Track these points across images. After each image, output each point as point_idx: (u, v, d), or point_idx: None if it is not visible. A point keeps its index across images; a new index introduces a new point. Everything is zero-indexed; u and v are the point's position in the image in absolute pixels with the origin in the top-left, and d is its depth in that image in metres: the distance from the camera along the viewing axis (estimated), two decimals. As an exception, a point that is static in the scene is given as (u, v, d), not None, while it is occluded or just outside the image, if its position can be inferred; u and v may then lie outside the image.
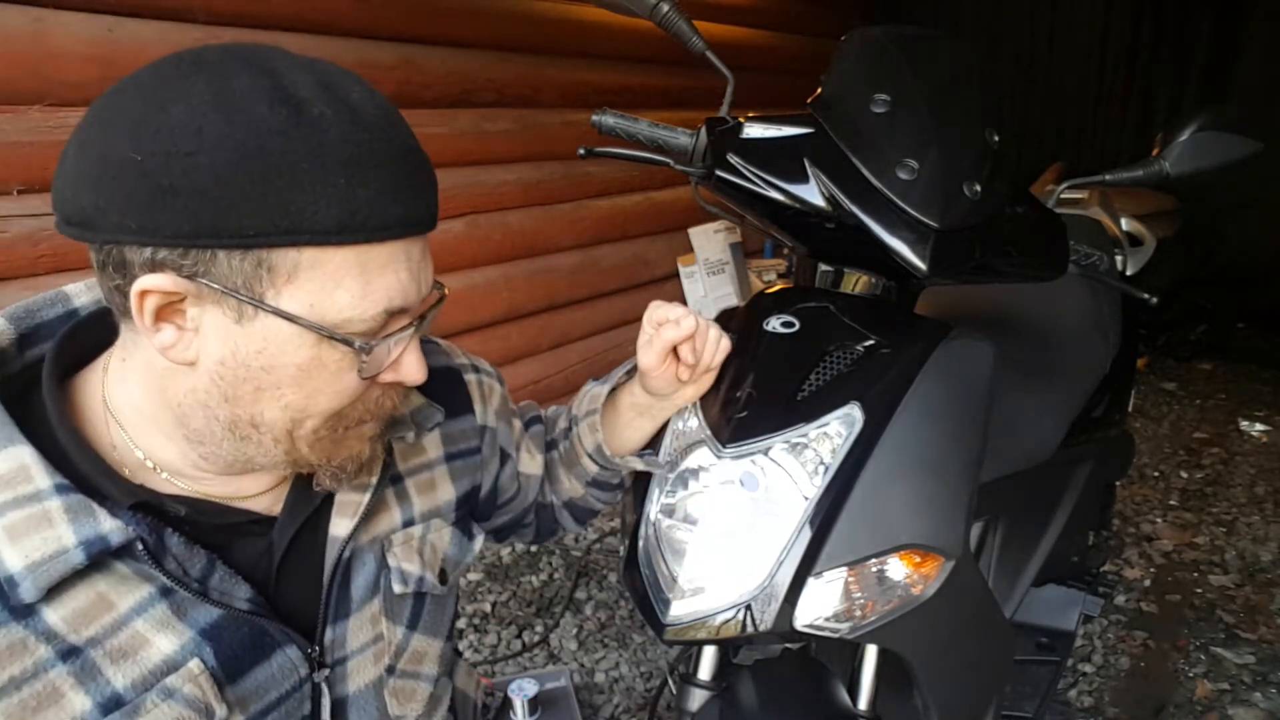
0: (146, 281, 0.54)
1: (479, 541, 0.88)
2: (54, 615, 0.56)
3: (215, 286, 0.54)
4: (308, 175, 0.53)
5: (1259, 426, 3.43)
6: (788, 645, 1.08)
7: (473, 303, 2.76)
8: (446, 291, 0.68)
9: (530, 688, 1.65)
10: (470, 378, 0.89)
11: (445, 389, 0.85)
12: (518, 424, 0.96)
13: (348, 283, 0.57)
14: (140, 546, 0.58)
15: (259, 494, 0.68)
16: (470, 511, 0.89)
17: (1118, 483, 2.33)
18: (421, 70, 2.45)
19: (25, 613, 0.55)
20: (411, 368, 0.65)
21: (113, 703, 0.56)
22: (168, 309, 0.56)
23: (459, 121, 2.61)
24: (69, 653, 0.56)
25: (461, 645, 2.10)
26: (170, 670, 0.59)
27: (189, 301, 0.56)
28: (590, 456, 0.95)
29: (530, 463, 0.96)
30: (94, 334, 0.66)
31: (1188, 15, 4.53)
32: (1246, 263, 4.33)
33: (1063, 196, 1.12)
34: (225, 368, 0.58)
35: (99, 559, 0.57)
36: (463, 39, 2.58)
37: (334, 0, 2.19)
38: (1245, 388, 3.91)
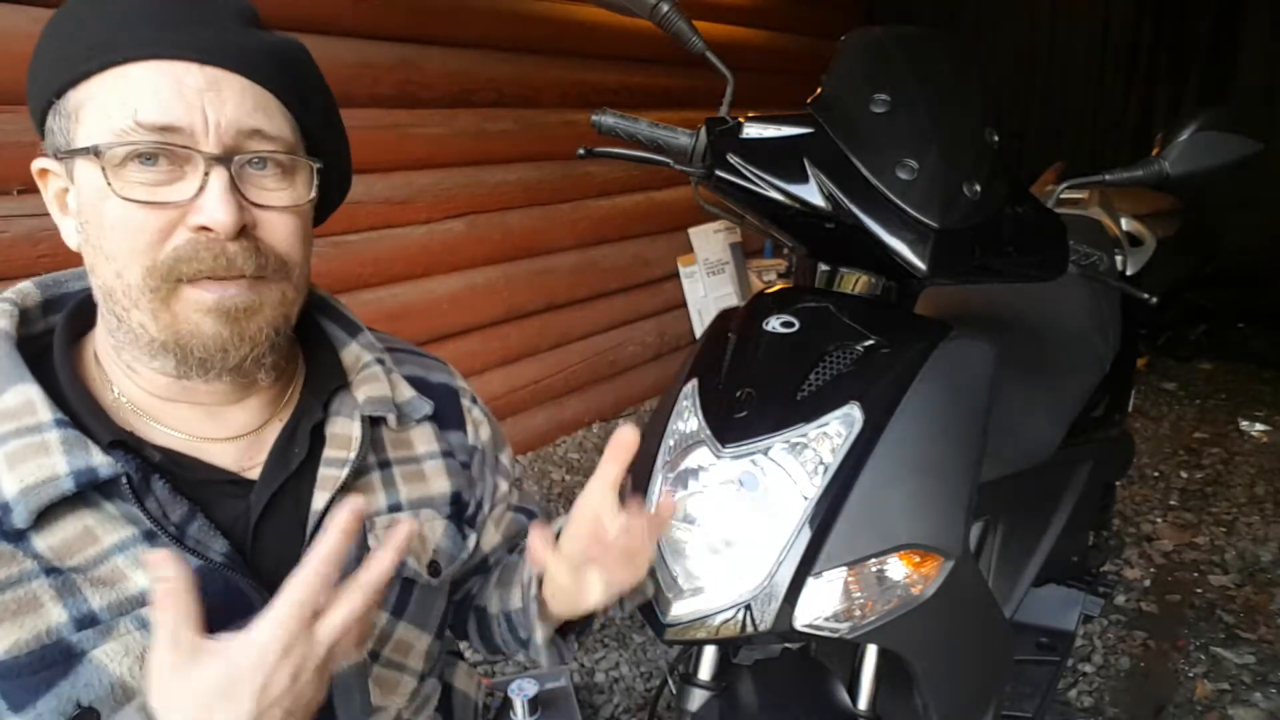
0: (38, 162, 0.63)
1: (474, 539, 0.86)
2: (42, 544, 0.59)
3: (56, 154, 0.61)
4: (80, 20, 0.60)
5: (1259, 426, 3.43)
6: (788, 645, 1.08)
7: (473, 303, 2.76)
8: (317, 165, 0.66)
9: (530, 688, 1.65)
10: (466, 403, 0.88)
11: (443, 402, 0.84)
12: (504, 484, 0.91)
13: (110, 105, 0.59)
14: (125, 483, 0.60)
15: (227, 440, 0.69)
16: (464, 515, 0.87)
17: (1118, 483, 2.32)
18: (421, 70, 2.45)
19: (16, 537, 0.58)
20: (212, 206, 0.59)
21: (88, 620, 0.59)
22: (63, 196, 0.64)
23: (459, 121, 2.61)
24: (52, 571, 0.59)
25: (461, 645, 2.09)
26: (147, 602, 0.60)
27: (67, 181, 0.62)
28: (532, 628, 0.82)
29: (488, 539, 0.89)
30: None
31: (1188, 15, 4.53)
32: (1246, 263, 4.32)
33: (1063, 196, 1.12)
34: (82, 238, 0.62)
35: (87, 492, 0.59)
36: (463, 39, 2.58)
37: (334, 0, 2.19)
38: (1245, 388, 3.91)
